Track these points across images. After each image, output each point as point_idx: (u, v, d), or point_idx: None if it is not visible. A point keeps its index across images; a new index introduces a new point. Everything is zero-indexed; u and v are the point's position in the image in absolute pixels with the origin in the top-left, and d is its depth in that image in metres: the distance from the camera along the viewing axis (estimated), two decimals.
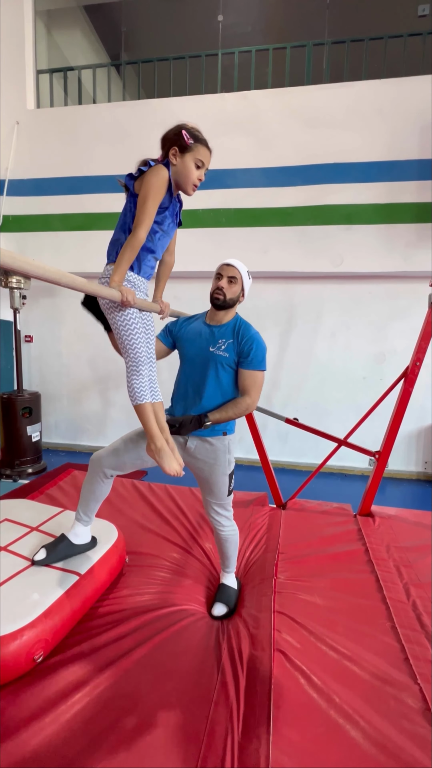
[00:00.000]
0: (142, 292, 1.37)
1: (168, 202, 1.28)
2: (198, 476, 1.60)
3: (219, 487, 1.58)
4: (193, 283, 3.69)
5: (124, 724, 1.08)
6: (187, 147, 1.24)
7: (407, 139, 3.25)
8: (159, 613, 1.53)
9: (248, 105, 3.48)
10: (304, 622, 1.49)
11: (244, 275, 1.53)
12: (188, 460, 1.57)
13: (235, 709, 1.15)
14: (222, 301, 1.52)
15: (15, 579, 1.44)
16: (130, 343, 1.30)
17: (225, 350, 1.50)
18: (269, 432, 3.88)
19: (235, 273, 1.51)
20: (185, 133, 1.23)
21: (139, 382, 1.33)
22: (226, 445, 1.54)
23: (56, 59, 4.41)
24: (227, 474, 1.57)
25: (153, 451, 1.35)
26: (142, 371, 1.33)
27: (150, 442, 1.36)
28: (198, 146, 1.26)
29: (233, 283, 1.52)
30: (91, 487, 1.55)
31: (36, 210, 3.88)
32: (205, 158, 1.29)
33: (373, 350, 3.70)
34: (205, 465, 1.55)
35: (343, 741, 1.07)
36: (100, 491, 1.56)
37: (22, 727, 1.07)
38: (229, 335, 1.52)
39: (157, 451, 1.34)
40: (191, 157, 1.26)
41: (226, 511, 1.65)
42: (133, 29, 4.81)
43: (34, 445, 3.56)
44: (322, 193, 3.41)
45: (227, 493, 1.60)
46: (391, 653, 1.37)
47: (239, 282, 1.53)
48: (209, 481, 1.58)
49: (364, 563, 1.93)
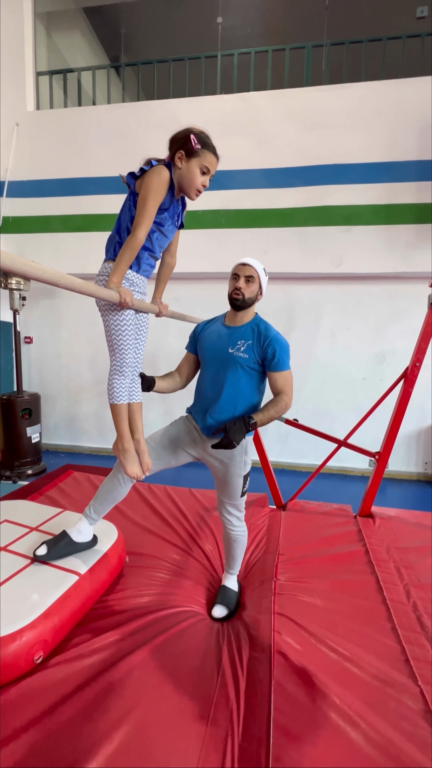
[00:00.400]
0: (140, 291, 1.37)
1: (168, 204, 1.28)
2: (214, 475, 1.62)
3: (233, 487, 1.58)
4: (193, 284, 3.69)
5: (124, 725, 1.08)
6: (194, 152, 1.24)
7: (406, 140, 3.26)
8: (159, 615, 1.52)
9: (248, 106, 3.48)
10: (304, 624, 1.49)
11: (260, 273, 1.53)
12: (206, 459, 1.59)
13: (236, 711, 1.14)
14: (241, 301, 1.52)
15: (14, 579, 1.44)
16: (119, 345, 1.30)
17: (244, 351, 1.50)
18: (269, 433, 3.88)
19: (252, 272, 1.51)
20: (193, 138, 1.22)
21: (119, 382, 1.34)
22: (243, 446, 1.54)
23: (56, 61, 4.42)
24: (242, 475, 1.57)
25: (119, 450, 1.39)
26: (126, 372, 1.34)
27: (117, 441, 1.39)
28: (205, 152, 1.25)
29: (251, 282, 1.52)
30: (109, 486, 1.57)
31: (36, 211, 3.88)
32: (212, 165, 1.28)
33: (373, 351, 3.70)
34: (221, 464, 1.56)
35: (344, 743, 1.06)
36: (116, 494, 1.57)
37: (21, 728, 1.07)
38: (249, 336, 1.52)
39: (123, 452, 1.38)
40: (197, 163, 1.25)
41: (239, 511, 1.66)
42: (133, 31, 4.83)
43: (33, 446, 3.56)
44: (322, 194, 3.41)
45: (241, 494, 1.60)
46: (391, 655, 1.36)
47: (256, 281, 1.53)
48: (224, 481, 1.58)
49: (364, 564, 1.93)
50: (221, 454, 1.54)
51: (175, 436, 1.62)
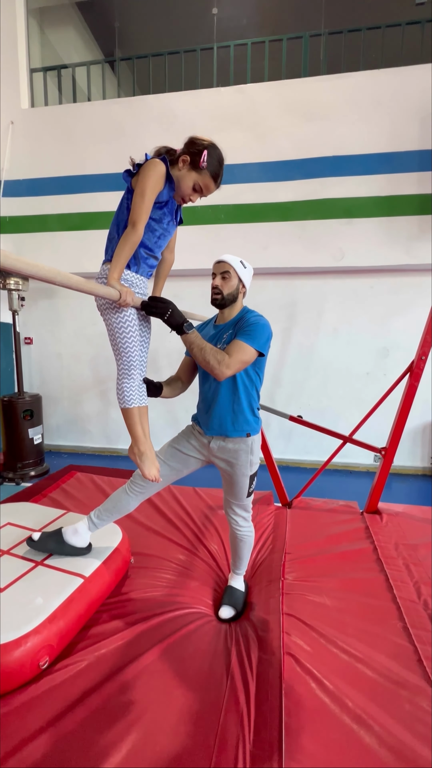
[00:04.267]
0: (141, 292, 1.34)
1: (167, 197, 1.24)
2: (222, 475, 1.61)
3: (239, 487, 1.56)
4: (194, 280, 3.65)
5: (132, 733, 1.06)
6: (198, 167, 1.21)
7: (407, 130, 3.20)
8: (166, 617, 1.50)
9: (245, 99, 3.43)
10: (313, 624, 1.47)
11: (236, 267, 1.47)
12: (212, 460, 1.57)
13: (246, 717, 1.12)
14: (221, 299, 1.48)
15: (18, 583, 1.43)
16: (124, 346, 1.27)
17: (227, 341, 1.45)
18: (273, 430, 3.85)
19: (227, 267, 1.47)
20: (204, 156, 1.20)
21: (130, 385, 1.31)
22: (249, 445, 1.52)
23: (50, 57, 4.36)
24: (248, 475, 1.55)
25: (135, 454, 1.38)
26: (134, 374, 1.31)
27: (134, 445, 1.38)
28: (206, 174, 1.22)
29: (227, 278, 1.47)
30: (119, 496, 1.58)
31: (32, 210, 3.84)
32: (207, 188, 1.26)
33: (377, 345, 3.66)
34: (227, 465, 1.54)
35: (358, 747, 1.04)
36: (123, 505, 1.58)
37: (27, 735, 1.05)
38: (230, 328, 1.48)
39: (140, 455, 1.37)
40: (195, 177, 1.23)
41: (245, 512, 1.64)
42: (127, 25, 4.76)
43: (36, 447, 3.54)
44: (322, 187, 3.36)
45: (247, 494, 1.59)
46: (403, 654, 1.34)
47: (233, 275, 1.47)
48: (230, 481, 1.57)
49: (372, 562, 1.90)
50: (227, 455, 1.52)
51: (182, 444, 1.60)
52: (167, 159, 1.22)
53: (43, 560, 1.56)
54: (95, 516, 1.58)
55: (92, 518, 1.58)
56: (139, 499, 1.58)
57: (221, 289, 1.47)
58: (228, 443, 1.51)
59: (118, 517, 1.60)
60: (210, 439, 1.53)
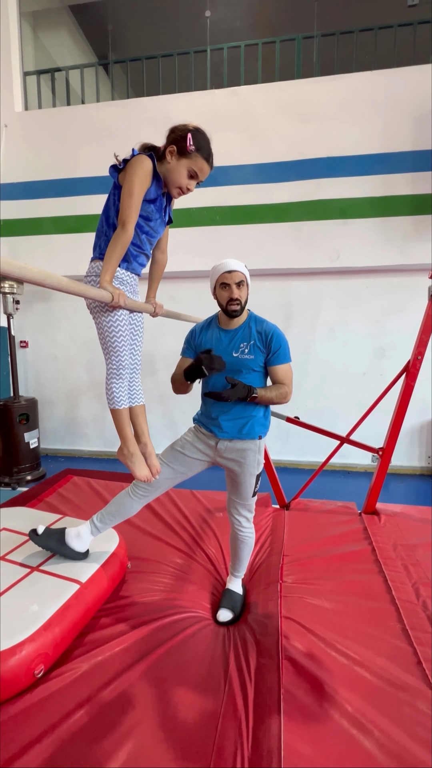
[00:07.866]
0: (132, 291, 1.33)
1: (155, 195, 1.23)
2: (227, 475, 1.61)
3: (245, 486, 1.56)
4: (189, 282, 3.65)
5: (129, 742, 1.04)
6: (186, 153, 1.19)
7: (401, 131, 3.21)
8: (163, 622, 1.48)
9: (239, 101, 3.43)
10: (312, 628, 1.45)
11: (246, 274, 1.50)
12: (219, 461, 1.57)
13: (244, 722, 1.10)
14: (240, 310, 1.49)
15: (13, 589, 1.41)
16: (114, 347, 1.26)
17: (249, 352, 1.48)
18: (270, 431, 3.80)
19: (241, 277, 1.47)
20: (189, 138, 1.18)
21: (118, 386, 1.30)
22: (257, 445, 1.53)
23: (43, 60, 4.36)
24: (255, 474, 1.55)
25: (125, 455, 1.37)
26: (123, 375, 1.30)
27: (122, 446, 1.37)
28: (197, 157, 1.20)
29: (242, 286, 1.48)
30: (121, 500, 1.57)
31: (27, 213, 3.83)
32: (201, 171, 1.24)
33: (373, 345, 3.66)
34: (236, 465, 1.54)
35: (358, 752, 1.03)
36: (125, 509, 1.57)
37: (22, 745, 1.03)
38: (249, 336, 1.50)
39: (129, 456, 1.37)
40: (186, 164, 1.21)
41: (248, 512, 1.64)
42: (120, 28, 4.77)
43: (32, 451, 3.52)
44: (317, 188, 3.36)
45: (252, 494, 1.59)
46: (403, 657, 1.33)
47: (245, 282, 1.49)
48: (237, 481, 1.57)
49: (371, 563, 1.89)
50: (236, 455, 1.52)
51: (186, 447, 1.59)
52: (154, 156, 1.21)
53: (39, 566, 1.54)
54: (98, 520, 1.57)
55: (95, 522, 1.57)
56: (142, 502, 1.57)
57: (240, 299, 1.47)
58: (237, 444, 1.52)
59: (121, 520, 1.59)
60: (218, 441, 1.53)
